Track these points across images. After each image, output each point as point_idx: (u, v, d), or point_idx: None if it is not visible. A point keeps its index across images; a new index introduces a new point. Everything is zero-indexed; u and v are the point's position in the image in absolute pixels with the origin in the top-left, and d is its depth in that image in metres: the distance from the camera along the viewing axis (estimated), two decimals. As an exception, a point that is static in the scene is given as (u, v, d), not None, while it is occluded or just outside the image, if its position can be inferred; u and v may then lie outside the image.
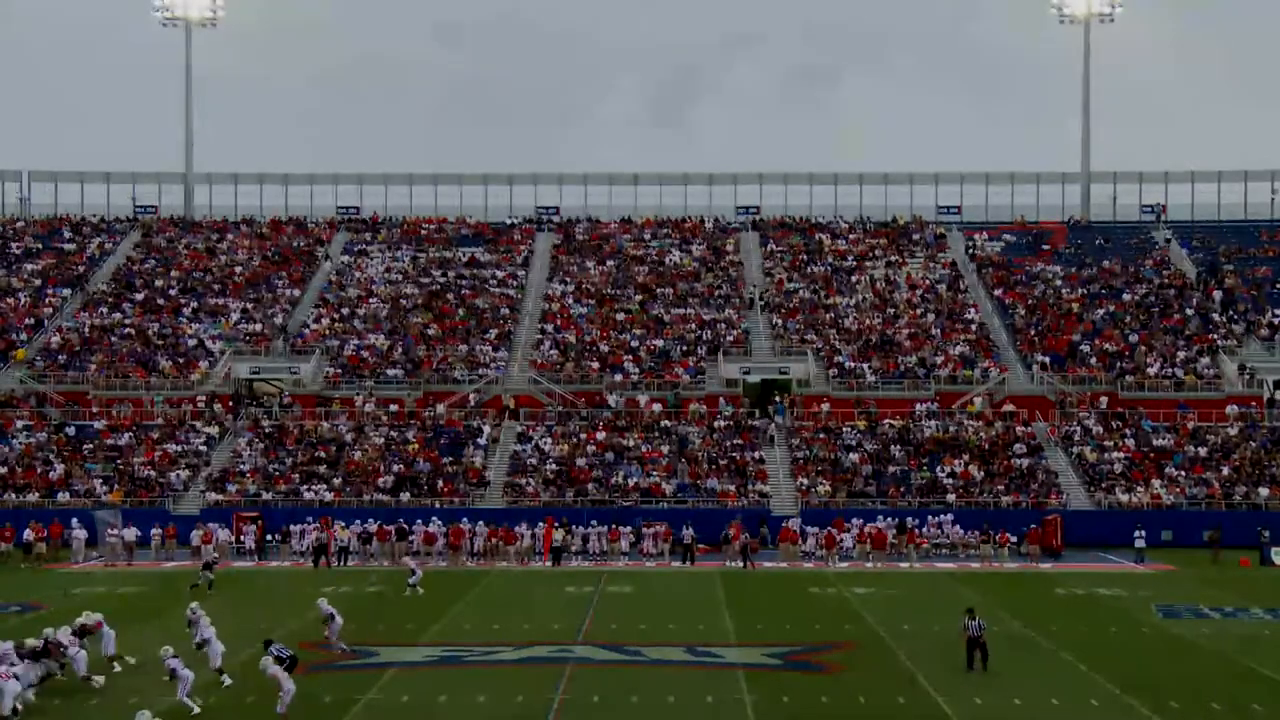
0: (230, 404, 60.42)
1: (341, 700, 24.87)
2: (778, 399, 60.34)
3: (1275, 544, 47.67)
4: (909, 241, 75.60)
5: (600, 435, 57.33)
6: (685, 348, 64.61)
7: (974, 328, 66.10)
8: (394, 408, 59.34)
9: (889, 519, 49.47)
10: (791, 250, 74.80)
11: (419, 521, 49.24)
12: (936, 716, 24.09)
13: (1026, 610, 35.63)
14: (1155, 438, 56.83)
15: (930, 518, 50.63)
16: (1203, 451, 55.73)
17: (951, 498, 52.87)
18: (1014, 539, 47.81)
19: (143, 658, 27.42)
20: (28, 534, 47.66)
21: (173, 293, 70.10)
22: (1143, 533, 48.43)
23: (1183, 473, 54.36)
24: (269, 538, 49.45)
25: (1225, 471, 54.29)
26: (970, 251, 74.50)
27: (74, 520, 48.83)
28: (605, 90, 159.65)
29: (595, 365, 62.89)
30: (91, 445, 57.01)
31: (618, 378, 61.84)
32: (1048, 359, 62.66)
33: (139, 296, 69.54)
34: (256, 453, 56.25)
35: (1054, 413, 58.87)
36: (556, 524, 48.06)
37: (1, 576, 43.34)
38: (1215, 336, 64.31)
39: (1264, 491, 52.94)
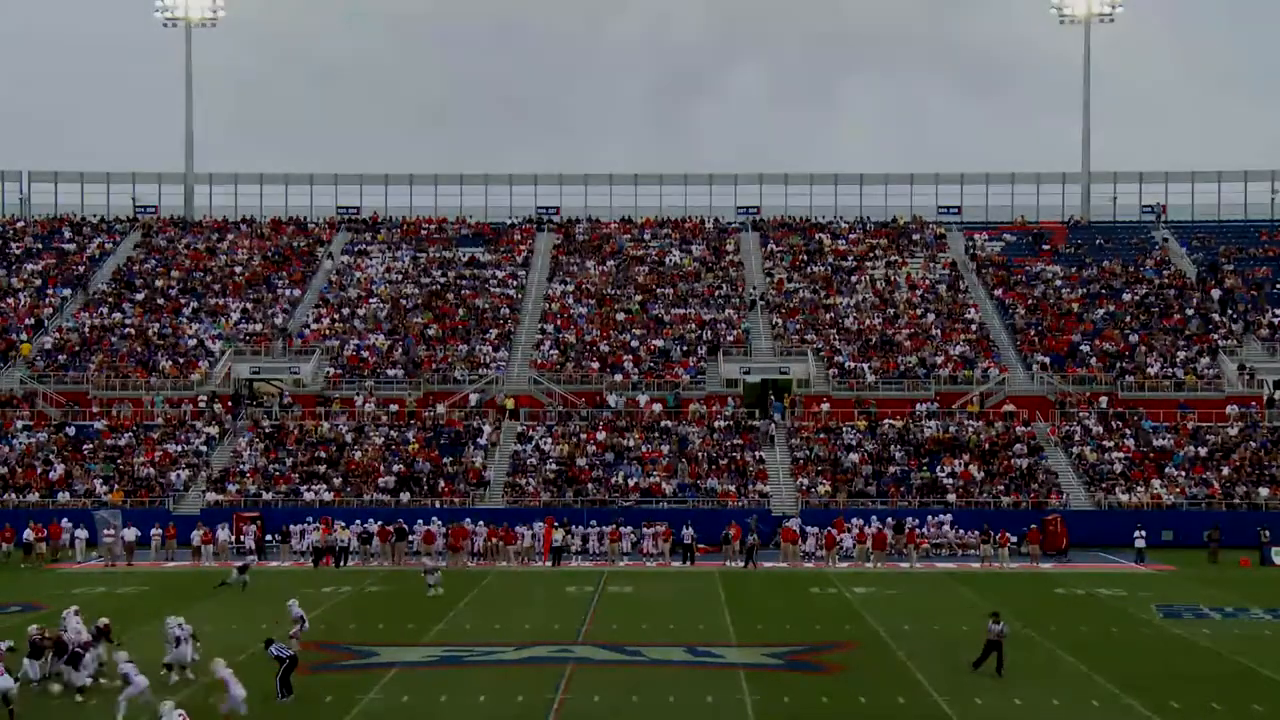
0: (230, 404, 60.43)
1: (342, 700, 24.90)
2: (770, 399, 60.34)
3: (1275, 544, 47.72)
4: (909, 241, 75.61)
5: (600, 435, 57.34)
6: (685, 348, 64.62)
7: (974, 328, 66.11)
8: (394, 408, 59.33)
9: (888, 519, 49.52)
10: (791, 250, 74.81)
11: (419, 521, 49.29)
12: (937, 716, 24.11)
13: (1026, 610, 35.61)
14: (1155, 438, 56.83)
15: (930, 518, 50.68)
16: (1203, 451, 55.74)
17: (952, 498, 52.88)
18: (1014, 539, 47.79)
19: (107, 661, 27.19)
20: (28, 534, 47.69)
21: (173, 293, 70.11)
22: (1143, 533, 48.46)
23: (1183, 473, 54.37)
24: (269, 538, 49.47)
25: (1225, 471, 54.31)
26: (970, 251, 74.51)
27: (68, 520, 48.88)
28: (605, 90, 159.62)
29: (595, 365, 62.90)
30: (91, 445, 57.03)
31: (618, 378, 61.85)
32: (1048, 359, 62.67)
33: (139, 296, 69.56)
34: (256, 453, 56.26)
35: (1054, 413, 58.89)
36: (556, 524, 48.08)
37: (1, 576, 43.35)
38: (1215, 336, 64.32)
39: (1264, 491, 52.96)
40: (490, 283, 71.48)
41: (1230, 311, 66.73)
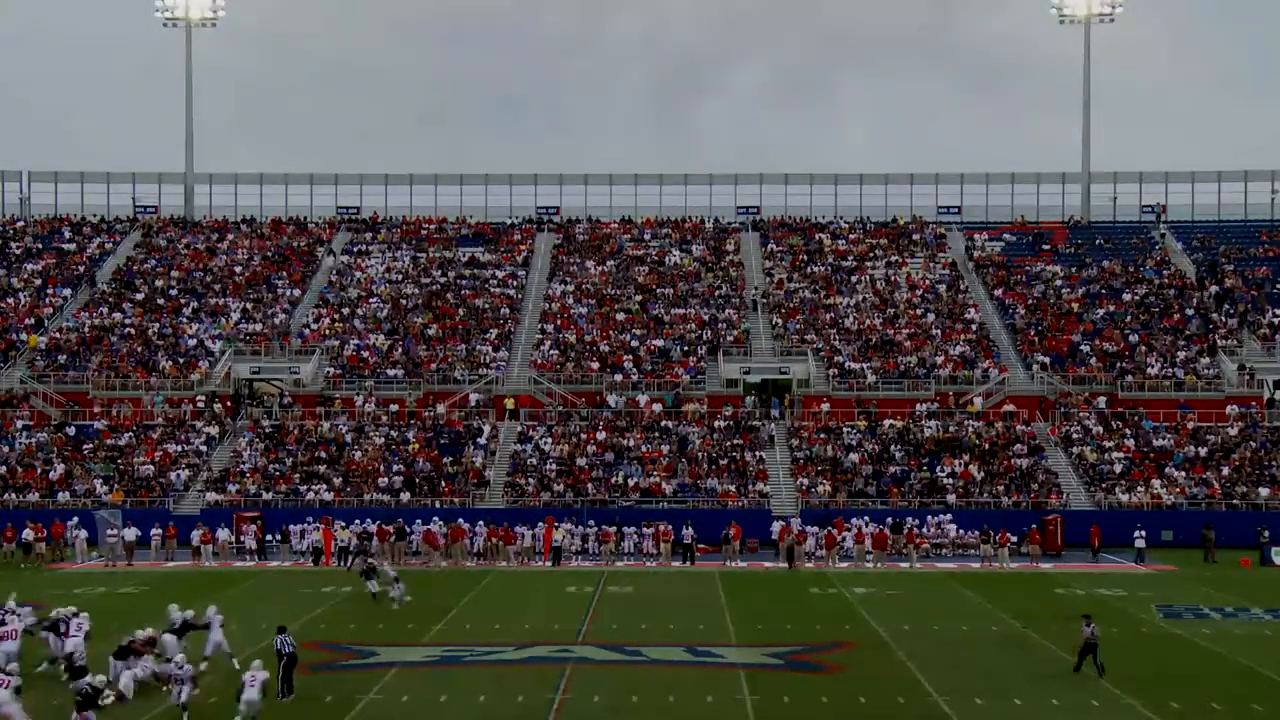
0: (230, 404, 60.43)
1: (342, 700, 24.90)
2: (756, 403, 60.24)
3: (1275, 544, 47.71)
4: (909, 241, 75.60)
5: (600, 435, 57.34)
6: (685, 348, 64.62)
7: (974, 328, 66.11)
8: (394, 408, 59.33)
9: (888, 519, 49.50)
10: (791, 250, 74.81)
11: (418, 521, 49.28)
12: (937, 716, 24.10)
13: (1026, 610, 35.64)
14: (1155, 438, 56.82)
15: (930, 518, 50.68)
16: (1203, 451, 55.73)
17: (951, 498, 52.87)
18: (1014, 539, 47.76)
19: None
20: (27, 534, 47.67)
21: (173, 293, 70.10)
22: (1143, 533, 48.45)
23: (1183, 473, 54.36)
24: (269, 538, 49.45)
25: (1225, 471, 54.30)
26: (970, 251, 74.50)
27: (73, 520, 48.86)
28: (605, 90, 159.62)
29: (595, 365, 62.89)
30: (92, 445, 57.02)
31: (618, 378, 61.85)
32: (1048, 359, 62.66)
33: (139, 296, 69.55)
34: (256, 453, 56.26)
35: (1054, 413, 58.88)
36: (557, 524, 48.07)
37: (1, 576, 43.31)
38: (1215, 336, 64.31)
39: (1264, 491, 52.95)
40: (490, 283, 71.48)
41: (1229, 310, 66.68)
